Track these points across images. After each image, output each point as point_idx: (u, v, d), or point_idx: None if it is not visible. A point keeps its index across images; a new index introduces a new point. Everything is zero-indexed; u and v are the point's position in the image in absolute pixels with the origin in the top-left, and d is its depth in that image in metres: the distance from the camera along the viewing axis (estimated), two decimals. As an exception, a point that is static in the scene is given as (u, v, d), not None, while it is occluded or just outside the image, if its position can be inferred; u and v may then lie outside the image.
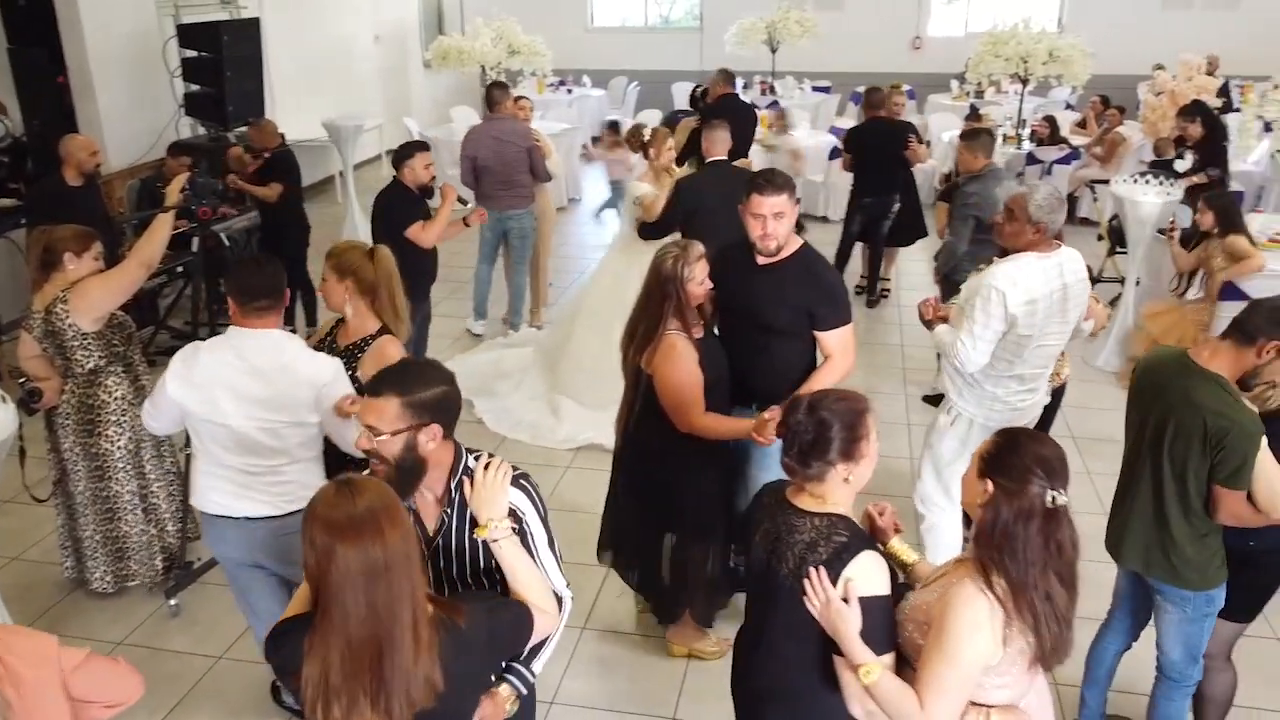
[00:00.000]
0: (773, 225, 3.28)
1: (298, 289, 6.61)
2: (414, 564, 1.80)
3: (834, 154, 9.44)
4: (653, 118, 10.90)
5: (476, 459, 2.21)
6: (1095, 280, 7.55)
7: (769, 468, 3.49)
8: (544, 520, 2.25)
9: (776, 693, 2.31)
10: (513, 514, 2.15)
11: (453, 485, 2.19)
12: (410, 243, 5.08)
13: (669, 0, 16.18)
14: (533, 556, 2.19)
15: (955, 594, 2.02)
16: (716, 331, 3.51)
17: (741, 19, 12.52)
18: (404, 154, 5.31)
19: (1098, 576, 3.14)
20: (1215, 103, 9.41)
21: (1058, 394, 4.03)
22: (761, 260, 3.37)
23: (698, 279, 3.22)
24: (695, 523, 3.52)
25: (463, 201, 5.42)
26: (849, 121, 11.01)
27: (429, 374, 2.15)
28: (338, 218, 9.65)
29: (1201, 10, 13.40)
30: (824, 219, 9.85)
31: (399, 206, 5.22)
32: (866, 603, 2.08)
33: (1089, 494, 4.89)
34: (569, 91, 13.56)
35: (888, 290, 7.78)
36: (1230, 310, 4.92)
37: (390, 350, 3.19)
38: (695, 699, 3.59)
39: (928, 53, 14.38)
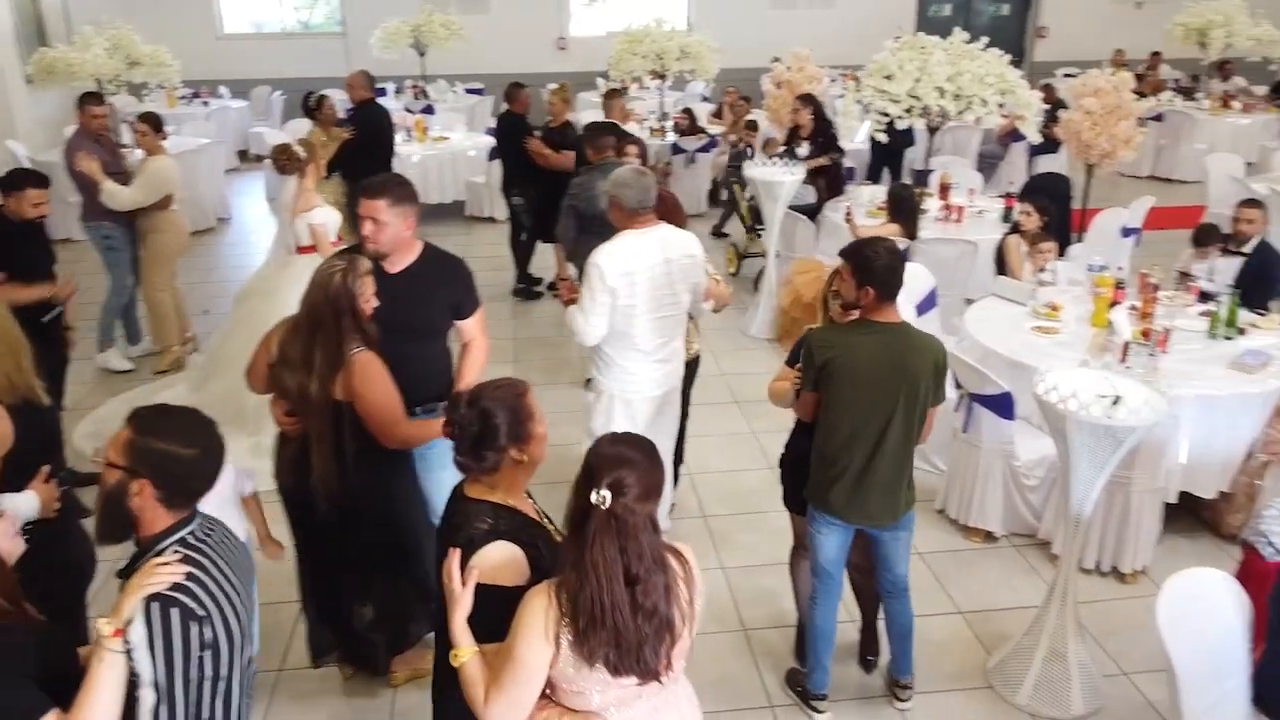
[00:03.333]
0: (370, 228, 3.26)
1: None
2: None
3: (494, 155, 9.53)
4: (302, 128, 10.41)
5: (175, 551, 1.95)
6: (742, 256, 8.31)
7: (430, 469, 3.48)
8: (159, 664, 1.87)
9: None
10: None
11: (137, 558, 1.99)
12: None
13: (308, 4, 15.51)
14: (133, 692, 1.88)
15: (530, 592, 2.04)
16: None
17: (385, 22, 12.30)
18: (14, 184, 4.81)
19: (774, 524, 3.45)
20: (833, 91, 10.54)
21: (691, 366, 4.32)
22: (390, 269, 3.33)
23: (366, 295, 3.09)
24: (412, 543, 3.40)
25: None
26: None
27: (185, 430, 2.00)
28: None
29: (805, 9, 15.03)
30: (490, 219, 9.94)
31: None
32: (482, 590, 2.10)
33: (755, 451, 5.36)
34: (205, 104, 12.66)
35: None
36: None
37: None
38: (406, 718, 3.52)
39: (572, 52, 14.91)
